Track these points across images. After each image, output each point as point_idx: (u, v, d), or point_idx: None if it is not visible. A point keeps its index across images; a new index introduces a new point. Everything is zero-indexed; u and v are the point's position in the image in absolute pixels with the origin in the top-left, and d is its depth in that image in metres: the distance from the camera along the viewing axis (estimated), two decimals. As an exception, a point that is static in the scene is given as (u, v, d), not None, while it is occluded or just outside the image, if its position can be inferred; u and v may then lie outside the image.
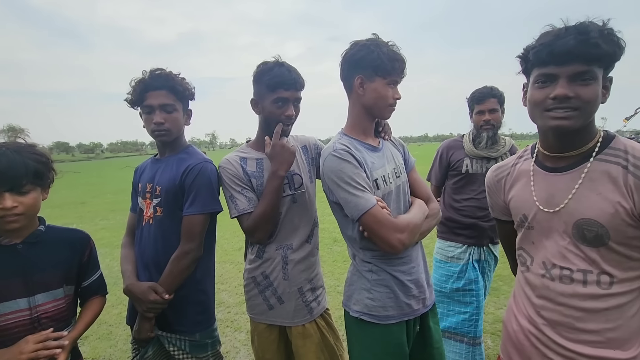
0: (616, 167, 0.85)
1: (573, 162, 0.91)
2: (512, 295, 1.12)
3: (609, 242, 0.84)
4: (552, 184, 0.94)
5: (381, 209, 1.11)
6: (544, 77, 0.86)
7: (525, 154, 1.07)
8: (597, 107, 0.86)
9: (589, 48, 0.80)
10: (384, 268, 1.20)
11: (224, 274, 4.16)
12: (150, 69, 1.43)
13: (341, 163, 1.12)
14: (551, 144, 0.94)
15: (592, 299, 0.86)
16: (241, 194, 1.36)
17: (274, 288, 1.41)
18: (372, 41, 1.19)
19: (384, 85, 1.18)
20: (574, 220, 0.88)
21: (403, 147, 1.41)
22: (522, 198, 1.01)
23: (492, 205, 1.19)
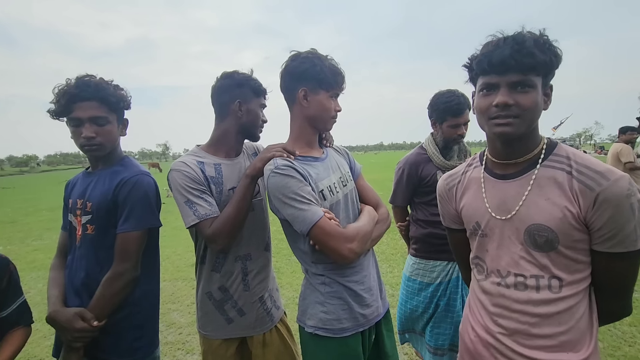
0: (561, 172, 0.88)
1: (521, 169, 0.94)
2: (467, 305, 1.12)
3: (559, 246, 0.87)
4: (502, 191, 0.95)
5: (329, 220, 1.09)
6: (486, 86, 0.89)
7: (474, 161, 1.09)
8: (538, 114, 0.89)
9: (524, 57, 0.83)
10: (336, 279, 1.18)
11: (176, 292, 3.92)
12: (76, 77, 1.28)
13: (284, 179, 1.10)
14: (499, 150, 0.97)
15: (545, 303, 0.89)
16: (201, 198, 1.25)
17: (234, 301, 1.37)
18: (314, 54, 1.20)
19: (327, 98, 1.21)
20: (526, 227, 0.90)
21: (348, 154, 1.43)
22: (474, 206, 1.02)
23: (443, 214, 1.19)
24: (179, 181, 1.26)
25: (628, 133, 5.57)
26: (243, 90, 1.37)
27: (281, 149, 1.18)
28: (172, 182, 1.28)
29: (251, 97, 1.38)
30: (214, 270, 1.36)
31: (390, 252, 5.01)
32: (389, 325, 1.34)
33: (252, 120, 1.40)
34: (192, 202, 1.24)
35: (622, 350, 2.52)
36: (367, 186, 1.39)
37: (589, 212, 0.83)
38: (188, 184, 1.25)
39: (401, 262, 4.55)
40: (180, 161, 1.31)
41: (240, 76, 1.38)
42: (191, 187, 1.26)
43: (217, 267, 1.35)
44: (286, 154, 1.16)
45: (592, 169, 0.85)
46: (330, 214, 1.13)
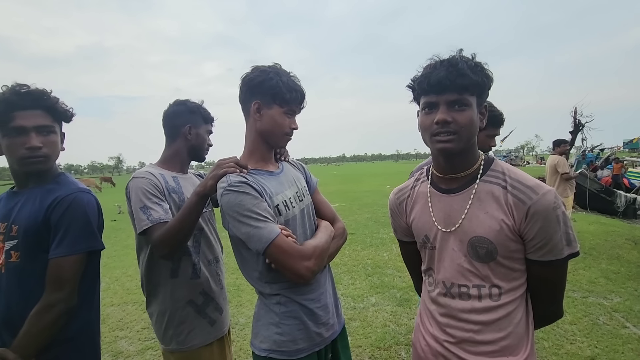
0: (498, 187, 0.95)
1: (463, 184, 1.00)
2: (418, 314, 1.16)
3: (497, 256, 0.93)
4: (447, 204, 1.01)
5: (286, 238, 1.06)
6: (427, 105, 0.94)
7: (421, 176, 1.14)
8: (475, 131, 0.94)
9: (458, 78, 0.89)
10: (292, 298, 1.15)
11: (125, 318, 3.63)
12: (12, 85, 1.17)
13: (238, 196, 1.05)
14: (442, 166, 1.02)
15: (486, 311, 0.94)
16: (158, 205, 1.31)
17: (215, 302, 1.49)
18: (272, 68, 1.18)
19: (281, 114, 1.17)
20: (468, 239, 0.96)
21: (304, 168, 1.41)
22: (423, 219, 1.06)
23: (395, 228, 1.22)
24: (141, 186, 1.31)
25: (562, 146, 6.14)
26: (194, 116, 1.53)
27: (233, 164, 1.14)
28: (132, 188, 1.32)
29: (201, 123, 1.54)
30: (194, 278, 1.42)
31: (352, 264, 5.03)
32: (344, 342, 1.32)
33: (200, 143, 1.55)
34: (148, 208, 1.28)
35: (565, 349, 2.70)
36: (323, 200, 1.38)
37: (522, 224, 0.90)
38: (149, 190, 1.31)
39: (363, 274, 4.59)
40: (144, 170, 1.40)
41: (193, 104, 1.54)
42: (151, 193, 1.31)
43: (196, 274, 1.43)
44: (239, 169, 1.13)
45: (524, 184, 0.92)
46: (287, 230, 1.10)
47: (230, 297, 3.99)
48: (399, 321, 3.23)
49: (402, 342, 2.88)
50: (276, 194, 1.16)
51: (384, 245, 6.00)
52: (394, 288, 4.02)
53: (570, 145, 6.05)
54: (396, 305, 3.56)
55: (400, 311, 3.43)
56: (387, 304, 3.62)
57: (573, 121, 14.84)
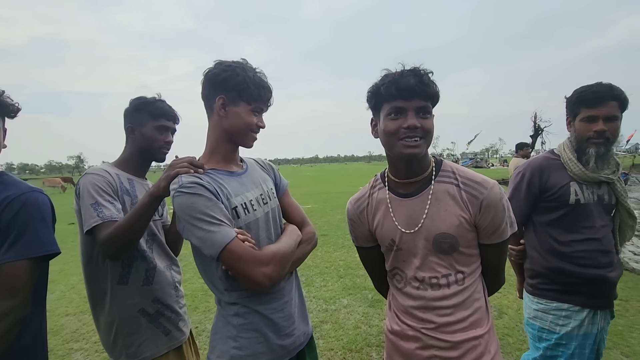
0: (451, 186, 1.04)
1: (420, 187, 1.06)
2: (389, 308, 1.19)
3: (459, 247, 1.03)
4: (408, 207, 1.07)
5: (241, 243, 0.99)
6: (395, 110, 0.98)
7: (377, 183, 1.16)
8: (432, 136, 1.03)
9: (425, 87, 0.96)
10: (253, 308, 1.08)
11: (81, 328, 3.38)
12: None
13: (191, 198, 0.98)
14: (400, 171, 1.07)
15: (455, 295, 1.04)
16: (111, 203, 1.25)
17: (171, 309, 1.41)
18: (238, 64, 1.11)
19: (247, 111, 1.11)
20: (433, 236, 1.03)
21: (273, 170, 1.34)
22: (386, 225, 1.10)
23: (356, 236, 1.22)
24: (94, 182, 1.25)
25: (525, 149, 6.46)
26: (138, 115, 1.42)
27: (187, 163, 1.06)
28: (84, 185, 1.25)
29: (147, 120, 1.42)
30: (146, 285, 1.35)
31: (324, 266, 5.00)
32: (312, 352, 1.27)
33: (148, 143, 1.43)
34: (100, 205, 1.22)
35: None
36: (292, 203, 1.32)
37: (477, 216, 1.02)
38: (102, 187, 1.25)
39: (335, 275, 4.56)
40: (99, 167, 1.33)
41: (140, 101, 1.43)
42: (104, 190, 1.25)
43: (149, 281, 1.36)
44: (193, 169, 1.05)
45: (473, 180, 1.03)
46: (244, 234, 1.03)
47: (197, 302, 3.83)
48: (371, 322, 3.22)
49: (373, 343, 2.87)
50: (235, 196, 1.09)
51: (356, 246, 6.01)
52: (366, 289, 4.03)
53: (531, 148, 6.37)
54: (368, 307, 3.55)
55: (372, 312, 3.43)
56: (358, 305, 3.61)
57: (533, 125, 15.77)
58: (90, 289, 1.33)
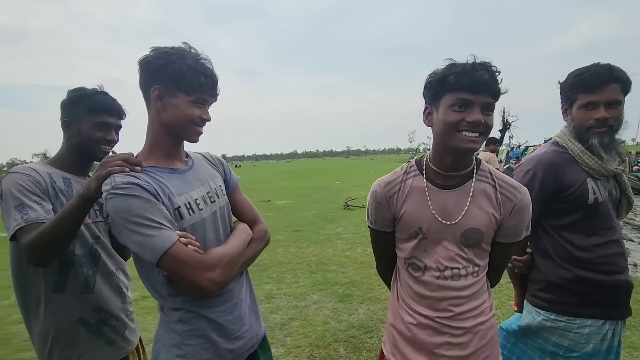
0: (489, 186, 1.08)
1: (460, 181, 1.09)
2: (396, 298, 1.20)
3: (482, 243, 1.08)
4: (444, 199, 1.09)
5: (184, 246, 0.91)
6: (460, 102, 0.97)
7: (411, 170, 1.16)
8: None
9: (495, 83, 0.96)
10: (198, 312, 1.01)
11: (34, 336, 3.18)
12: None
13: (126, 200, 0.89)
14: (447, 163, 1.07)
15: (471, 286, 1.09)
16: (38, 204, 1.14)
17: (116, 317, 1.33)
18: (177, 50, 1.00)
19: (187, 103, 1.01)
20: (462, 230, 1.07)
21: (223, 165, 1.26)
22: (418, 213, 1.11)
23: (376, 219, 1.19)
24: (18, 182, 1.14)
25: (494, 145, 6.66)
26: (75, 109, 1.30)
27: (120, 161, 0.96)
28: (6, 186, 1.14)
29: (83, 115, 1.30)
30: (85, 292, 1.25)
31: (296, 262, 4.95)
32: (267, 354, 1.22)
33: (84, 140, 1.31)
34: (25, 206, 1.11)
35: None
36: (244, 200, 1.25)
37: (505, 217, 1.07)
38: (27, 187, 1.14)
39: (307, 271, 4.53)
40: (26, 166, 1.22)
41: (76, 94, 1.31)
42: (30, 190, 1.14)
43: (89, 287, 1.26)
44: (128, 167, 0.95)
45: (509, 184, 1.08)
46: (187, 237, 0.95)
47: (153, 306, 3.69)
48: (340, 317, 3.21)
49: (341, 338, 2.86)
50: (178, 195, 1.00)
51: (330, 241, 6.02)
52: (337, 284, 4.02)
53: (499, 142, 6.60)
54: (337, 302, 3.54)
55: (342, 307, 3.42)
56: (328, 300, 3.60)
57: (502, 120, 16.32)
58: (22, 298, 1.22)
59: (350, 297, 3.63)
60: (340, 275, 4.34)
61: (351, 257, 5.07)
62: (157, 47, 1.02)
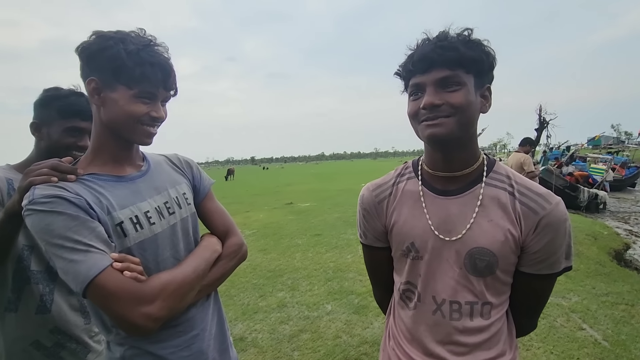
0: (504, 192, 0.83)
1: (463, 185, 0.86)
2: (389, 336, 1.00)
3: (497, 270, 0.82)
4: (443, 208, 0.86)
5: (116, 273, 0.76)
6: (414, 88, 0.82)
7: (406, 171, 0.96)
8: (472, 115, 0.80)
9: (447, 51, 0.76)
10: (144, 349, 0.86)
11: None
12: None
13: (45, 217, 0.75)
14: (437, 161, 0.87)
15: (478, 331, 0.85)
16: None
17: (77, 340, 1.18)
18: (119, 34, 0.83)
19: (129, 98, 0.84)
20: (467, 250, 0.83)
21: (192, 169, 1.09)
22: (411, 224, 0.89)
23: (365, 231, 1.00)
24: None
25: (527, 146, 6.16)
26: (45, 110, 1.19)
27: (47, 169, 0.82)
28: None
29: (54, 118, 1.18)
30: (41, 312, 1.13)
31: (313, 268, 4.78)
32: None
33: (53, 145, 1.19)
34: None
35: (521, 356, 2.55)
36: (215, 209, 1.08)
37: (529, 236, 0.80)
38: None
39: (323, 278, 4.35)
40: None
41: (48, 94, 1.20)
42: None
43: (45, 307, 1.13)
44: (57, 177, 0.80)
45: (534, 191, 0.82)
46: (125, 260, 0.79)
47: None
48: (352, 331, 3.01)
49: (352, 356, 2.65)
50: (122, 208, 0.85)
51: (349, 246, 5.80)
52: (353, 294, 3.81)
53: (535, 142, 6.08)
54: (352, 313, 3.34)
55: (355, 319, 3.21)
56: (342, 311, 3.40)
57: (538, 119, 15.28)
58: None
59: (366, 309, 3.41)
60: (357, 283, 4.12)
61: (370, 264, 4.83)
62: (97, 31, 0.84)
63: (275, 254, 5.61)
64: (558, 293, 3.55)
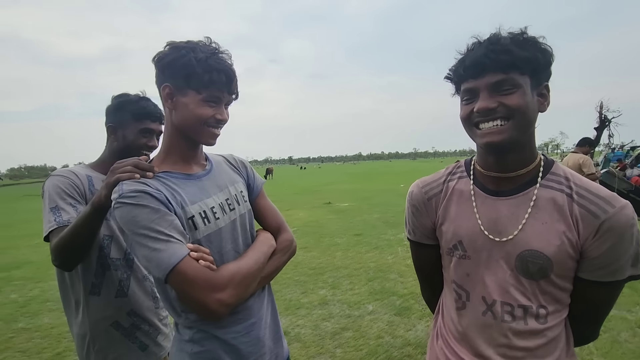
0: (561, 194, 0.81)
1: (517, 186, 0.84)
2: (437, 334, 1.00)
3: (551, 275, 0.80)
4: (494, 208, 0.86)
5: (194, 262, 0.83)
6: (467, 93, 0.82)
7: (458, 170, 0.96)
8: (530, 116, 0.78)
9: (500, 54, 0.75)
10: (211, 332, 0.93)
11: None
12: None
13: (132, 210, 0.83)
14: (489, 162, 0.86)
15: (533, 336, 0.82)
16: (73, 206, 1.17)
17: (149, 322, 1.32)
18: (190, 44, 0.93)
19: (198, 102, 0.92)
20: (518, 252, 0.81)
21: (247, 168, 1.16)
22: (459, 223, 0.90)
23: (414, 228, 1.01)
24: (57, 184, 1.18)
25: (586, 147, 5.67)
26: (120, 114, 1.32)
27: (130, 167, 0.91)
28: (47, 187, 1.19)
29: (128, 122, 1.32)
30: (120, 296, 1.27)
31: (354, 267, 4.80)
32: None
33: (128, 146, 1.32)
34: (59, 208, 1.15)
35: None
36: (268, 207, 1.15)
37: (588, 240, 0.77)
38: (65, 190, 1.18)
39: (364, 278, 4.35)
40: (66, 169, 1.25)
41: (121, 100, 1.34)
42: (67, 193, 1.18)
43: (123, 291, 1.28)
44: (139, 173, 0.90)
45: (595, 194, 0.78)
46: (199, 250, 0.87)
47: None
48: (395, 332, 2.98)
49: (395, 357, 2.64)
50: (192, 203, 0.93)
51: (390, 247, 5.74)
52: (394, 295, 3.77)
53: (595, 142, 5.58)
54: (394, 315, 3.31)
55: (398, 321, 3.18)
56: (384, 312, 3.38)
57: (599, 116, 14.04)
58: (63, 298, 1.29)
59: (409, 311, 3.37)
60: (399, 285, 4.07)
61: (412, 266, 4.72)
62: (171, 42, 0.94)
63: (316, 252, 5.69)
64: (623, 306, 3.27)
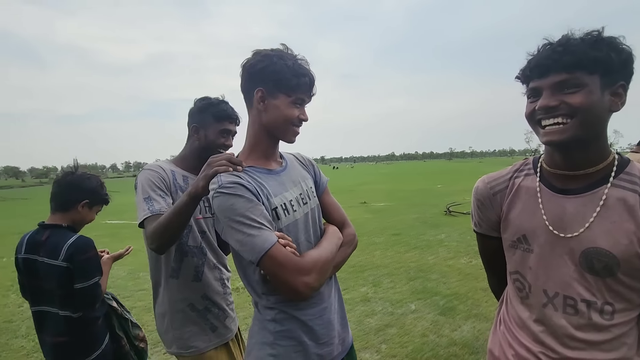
0: (633, 195, 0.80)
1: (585, 185, 0.85)
2: (500, 321, 1.05)
3: (618, 273, 0.80)
4: (559, 206, 0.87)
5: (282, 248, 0.93)
6: (532, 92, 0.86)
7: (525, 167, 0.99)
8: (597, 115, 0.79)
9: (563, 55, 0.78)
10: (291, 314, 1.02)
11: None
12: None
13: (230, 199, 0.93)
14: (556, 160, 0.88)
15: (596, 330, 0.82)
16: (162, 197, 1.30)
17: (218, 306, 1.45)
18: (276, 52, 1.04)
19: (288, 104, 1.03)
20: (583, 249, 0.83)
21: (313, 166, 1.26)
22: (524, 218, 0.93)
23: (479, 221, 1.06)
24: (148, 177, 1.32)
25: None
26: (202, 115, 1.44)
27: (226, 161, 1.02)
28: (140, 180, 1.33)
29: (210, 122, 1.44)
30: (195, 280, 1.40)
31: (394, 267, 4.80)
32: None
33: (208, 145, 1.44)
34: (151, 199, 1.28)
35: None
36: (333, 202, 1.24)
37: None
38: (156, 182, 1.31)
39: (405, 277, 4.35)
40: (155, 164, 1.40)
41: (204, 102, 1.45)
42: (157, 185, 1.31)
43: (198, 277, 1.41)
44: (232, 167, 1.01)
45: None
46: (285, 239, 0.96)
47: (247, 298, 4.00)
48: (440, 332, 2.97)
49: (441, 355, 2.63)
50: (275, 196, 1.03)
51: (430, 248, 5.67)
52: (437, 295, 3.75)
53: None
54: (438, 314, 3.29)
55: (442, 321, 3.16)
56: (428, 312, 3.37)
57: (662, 113, 12.67)
58: (151, 278, 1.44)
59: (453, 311, 3.34)
60: (441, 285, 4.03)
61: (454, 267, 4.67)
62: (259, 50, 1.05)
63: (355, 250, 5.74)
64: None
